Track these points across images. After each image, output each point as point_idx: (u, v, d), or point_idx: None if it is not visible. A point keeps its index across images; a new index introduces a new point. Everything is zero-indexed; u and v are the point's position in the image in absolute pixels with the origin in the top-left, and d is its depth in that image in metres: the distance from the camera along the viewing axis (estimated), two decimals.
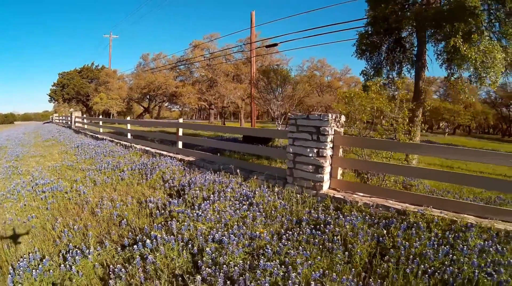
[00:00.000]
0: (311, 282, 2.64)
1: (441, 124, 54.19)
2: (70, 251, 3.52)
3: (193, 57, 37.13)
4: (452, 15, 8.15)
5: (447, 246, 3.23)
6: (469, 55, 7.84)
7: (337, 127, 5.02)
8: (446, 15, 8.25)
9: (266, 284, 2.58)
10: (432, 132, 60.96)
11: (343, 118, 5.30)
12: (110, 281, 2.91)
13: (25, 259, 3.42)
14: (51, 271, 3.20)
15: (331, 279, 2.70)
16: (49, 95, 46.13)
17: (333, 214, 4.03)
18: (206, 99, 39.21)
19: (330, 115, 4.73)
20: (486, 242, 3.26)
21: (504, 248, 3.19)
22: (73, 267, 3.18)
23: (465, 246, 3.19)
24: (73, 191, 6.02)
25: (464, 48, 7.89)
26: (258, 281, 2.63)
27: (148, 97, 40.28)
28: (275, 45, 20.87)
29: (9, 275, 3.08)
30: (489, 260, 3.00)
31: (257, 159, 8.46)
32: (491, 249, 3.17)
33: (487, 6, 8.84)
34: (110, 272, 3.06)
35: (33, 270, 3.12)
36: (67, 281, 3.09)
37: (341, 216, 3.88)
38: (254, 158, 8.87)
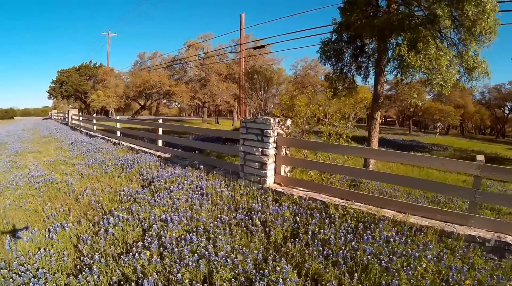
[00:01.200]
0: (226, 253, 3.47)
1: (438, 124, 54.93)
2: (54, 226, 4.58)
3: (187, 57, 38.19)
4: (400, 25, 8.99)
5: (351, 235, 3.80)
6: (413, 63, 8.48)
7: (282, 129, 5.95)
8: (395, 25, 9.07)
9: (188, 248, 3.59)
10: (425, 131, 61.96)
11: (288, 121, 6.24)
12: (79, 245, 3.98)
13: (19, 231, 4.48)
14: (38, 239, 4.27)
15: (242, 253, 3.50)
16: (48, 92, 47.24)
17: (270, 204, 4.87)
18: (200, 98, 40.33)
19: (272, 119, 5.59)
20: (396, 234, 3.75)
21: (409, 240, 3.68)
22: (54, 236, 4.24)
23: (370, 236, 3.70)
24: (63, 182, 7.09)
25: (410, 56, 8.52)
26: (183, 248, 3.63)
27: (144, 95, 41.23)
28: (263, 47, 21.87)
29: (7, 241, 4.13)
30: (387, 249, 3.48)
31: (223, 157, 9.40)
32: (396, 240, 3.65)
33: (450, 14, 9.29)
34: (81, 241, 4.12)
35: (25, 237, 4.18)
36: (49, 246, 4.14)
37: (271, 206, 4.70)
38: (226, 155, 9.91)
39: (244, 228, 4.18)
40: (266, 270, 3.12)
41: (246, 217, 4.43)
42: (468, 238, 3.74)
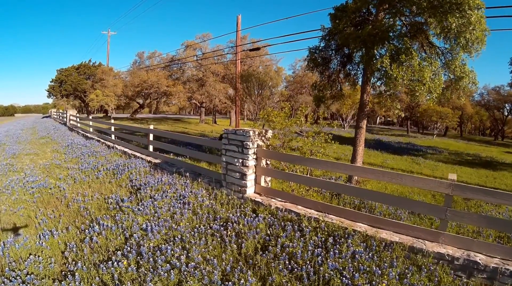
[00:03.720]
0: (197, 264, 3.76)
1: (438, 124, 55.10)
2: (44, 232, 4.95)
3: (185, 57, 38.49)
4: (383, 36, 9.09)
5: (319, 249, 3.95)
6: (395, 75, 8.50)
7: (263, 141, 6.26)
8: (379, 36, 9.17)
9: (162, 258, 3.94)
10: (423, 133, 62.17)
11: (269, 133, 6.52)
12: (66, 252, 4.34)
13: (12, 237, 4.85)
14: (29, 245, 4.64)
15: (211, 264, 3.79)
16: (48, 91, 47.59)
17: (247, 214, 5.14)
18: (197, 98, 40.66)
19: (251, 131, 5.86)
20: (364, 249, 3.87)
21: (375, 256, 3.75)
22: (44, 243, 4.60)
23: (337, 251, 3.84)
24: (56, 188, 7.46)
25: (392, 68, 8.55)
26: (158, 257, 3.96)
27: (142, 94, 41.56)
28: (258, 49, 22.15)
29: (0, 247, 4.49)
30: (351, 265, 3.58)
31: (211, 164, 9.70)
32: (363, 255, 3.73)
33: (437, 23, 9.27)
34: (68, 248, 4.48)
35: (16, 244, 4.55)
36: (39, 252, 4.50)
37: (247, 218, 4.93)
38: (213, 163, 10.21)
39: (219, 239, 4.47)
40: (231, 282, 3.45)
41: (222, 228, 4.73)
42: (437, 255, 3.83)
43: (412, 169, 15.82)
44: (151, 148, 10.02)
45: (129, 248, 4.22)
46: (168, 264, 3.78)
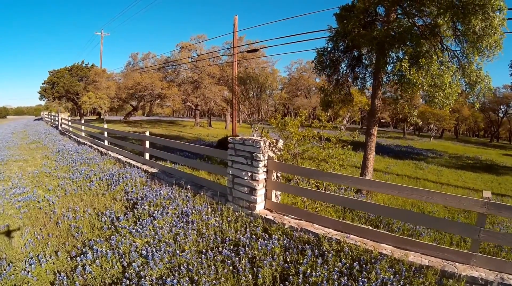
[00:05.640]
0: None
1: (432, 126, 54.98)
2: (30, 259, 4.34)
3: (180, 59, 37.85)
4: (401, 38, 8.63)
5: (345, 277, 3.52)
6: (415, 80, 8.04)
7: (273, 152, 5.66)
8: (396, 38, 8.71)
9: None
10: (419, 134, 62.06)
11: (280, 143, 5.94)
12: (55, 284, 3.74)
13: None
14: (12, 276, 4.02)
15: None
16: (40, 93, 46.51)
17: (259, 236, 4.59)
18: (192, 101, 39.98)
19: (262, 142, 5.30)
20: (393, 276, 3.49)
21: (407, 284, 3.41)
22: (29, 273, 4.00)
23: (366, 279, 3.44)
24: (45, 200, 6.84)
25: (411, 73, 8.10)
26: None
27: (136, 96, 40.80)
28: (256, 50, 21.67)
29: None
30: None
31: (208, 174, 9.10)
32: (394, 283, 3.37)
33: (452, 24, 8.91)
34: (57, 279, 3.88)
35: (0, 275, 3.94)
36: (25, 284, 3.90)
37: (260, 240, 4.40)
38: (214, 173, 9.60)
39: (230, 267, 3.92)
40: None
41: (233, 253, 4.17)
42: (469, 279, 3.53)
43: (416, 175, 15.40)
44: (147, 155, 9.41)
45: (128, 281, 3.63)
46: None
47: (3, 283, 3.91)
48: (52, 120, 28.79)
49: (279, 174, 5.85)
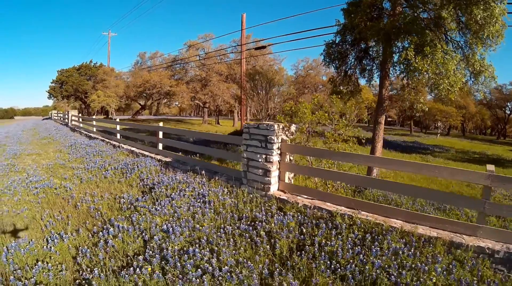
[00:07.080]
0: (231, 267, 3.34)
1: (439, 124, 54.76)
2: (52, 236, 4.45)
3: (188, 57, 38.05)
4: (407, 29, 8.83)
5: (358, 247, 3.64)
6: (420, 67, 8.30)
7: (286, 135, 5.81)
8: (402, 28, 8.91)
9: (191, 262, 3.45)
10: (426, 132, 61.84)
11: (293, 127, 6.10)
12: (78, 258, 3.84)
13: (16, 241, 4.34)
14: (36, 250, 4.13)
15: (247, 267, 3.36)
16: (48, 92, 46.94)
17: (274, 213, 4.71)
18: (200, 98, 40.18)
19: (276, 125, 5.45)
20: (404, 246, 3.62)
21: (418, 253, 3.53)
22: (52, 247, 4.10)
23: (378, 248, 3.56)
24: (62, 188, 6.95)
25: (417, 60, 8.35)
26: (186, 262, 3.48)
27: (144, 95, 41.05)
28: (264, 47, 21.77)
29: (3, 253, 3.99)
30: (395, 262, 3.33)
31: (225, 161, 9.23)
32: (405, 252, 3.50)
33: (456, 16, 9.16)
34: (80, 252, 3.98)
35: (21, 249, 4.04)
36: (48, 258, 4.00)
37: (276, 216, 4.53)
38: (228, 160, 9.73)
39: (248, 240, 4.01)
40: None
41: (250, 228, 4.26)
42: (477, 249, 3.64)
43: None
44: (160, 146, 9.53)
45: (151, 252, 3.72)
46: (198, 269, 3.28)
47: (25, 257, 4.02)
48: (62, 119, 29.08)
49: (292, 157, 5.95)
